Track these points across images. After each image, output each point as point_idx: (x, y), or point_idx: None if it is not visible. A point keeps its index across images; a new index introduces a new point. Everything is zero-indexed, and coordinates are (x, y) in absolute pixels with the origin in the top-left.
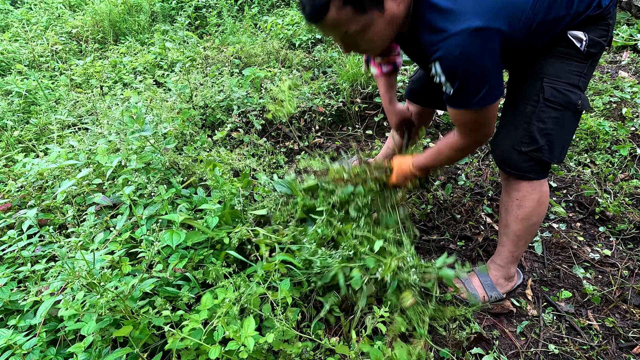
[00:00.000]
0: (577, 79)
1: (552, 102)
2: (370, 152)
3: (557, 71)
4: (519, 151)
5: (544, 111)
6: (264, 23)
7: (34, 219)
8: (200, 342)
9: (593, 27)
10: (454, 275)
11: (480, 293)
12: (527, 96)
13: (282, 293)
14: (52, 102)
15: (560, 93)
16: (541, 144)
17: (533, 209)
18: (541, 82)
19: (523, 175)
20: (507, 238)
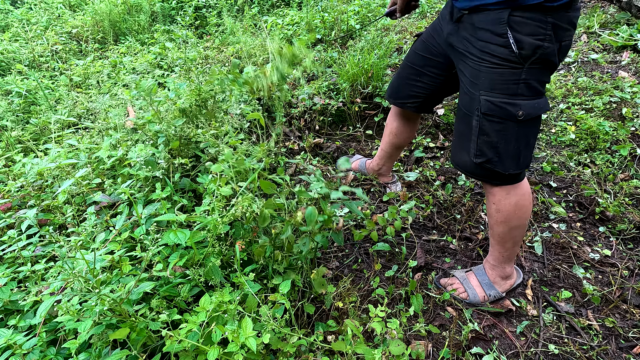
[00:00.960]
0: (515, 87)
1: (490, 115)
2: (370, 151)
3: (491, 83)
4: (473, 162)
5: (485, 125)
6: (264, 23)
7: (33, 219)
8: (198, 344)
9: (525, 22)
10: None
11: (479, 292)
12: (471, 109)
13: (279, 297)
14: (52, 102)
15: (497, 106)
16: (490, 157)
17: (511, 212)
18: (478, 96)
19: (489, 181)
20: (493, 239)
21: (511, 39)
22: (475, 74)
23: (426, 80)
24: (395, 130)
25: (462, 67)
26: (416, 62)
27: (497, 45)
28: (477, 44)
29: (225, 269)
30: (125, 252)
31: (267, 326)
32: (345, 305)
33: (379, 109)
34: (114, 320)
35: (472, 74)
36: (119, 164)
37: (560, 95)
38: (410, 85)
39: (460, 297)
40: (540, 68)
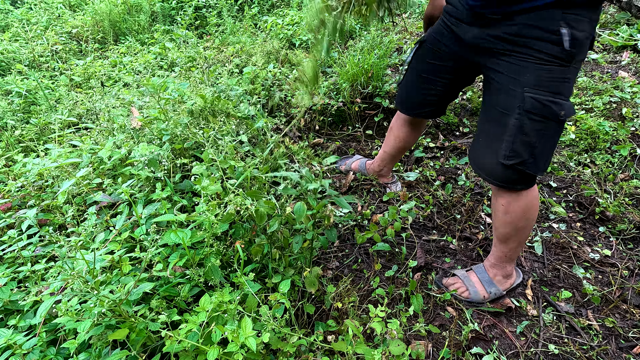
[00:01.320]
0: (560, 85)
1: (534, 114)
2: (370, 151)
3: (538, 79)
4: (504, 165)
5: (526, 124)
6: (264, 23)
7: (33, 219)
8: (198, 344)
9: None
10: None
11: (480, 289)
12: (508, 107)
13: (279, 297)
14: (52, 102)
15: (542, 105)
16: (525, 158)
17: (520, 215)
18: (522, 92)
19: (507, 186)
20: (497, 239)
21: (565, 37)
22: (518, 70)
23: (439, 87)
24: (402, 136)
25: (495, 65)
26: (427, 71)
27: (548, 42)
28: (520, 41)
29: (225, 269)
30: (125, 252)
31: (267, 326)
32: (345, 305)
33: (379, 109)
34: (114, 321)
35: (514, 71)
36: (120, 164)
37: None
38: (423, 95)
39: (462, 297)
40: (578, 67)
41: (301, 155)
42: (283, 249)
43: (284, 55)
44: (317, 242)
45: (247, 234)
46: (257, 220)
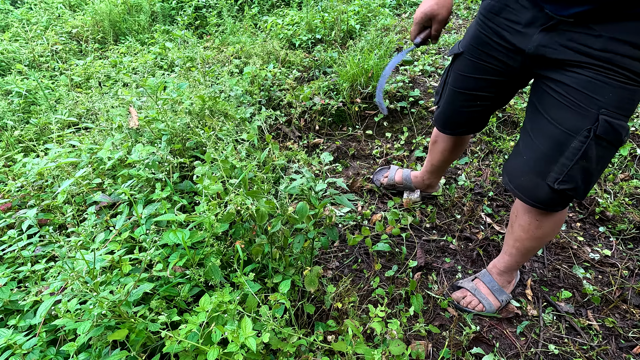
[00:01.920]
0: (631, 106)
1: (604, 139)
2: (370, 151)
3: (620, 100)
4: (552, 189)
5: (593, 149)
6: (264, 23)
7: (33, 219)
8: (198, 344)
9: None
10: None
11: (493, 300)
12: (574, 128)
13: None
14: (52, 102)
15: (614, 129)
16: (578, 184)
17: (551, 230)
18: (597, 113)
19: (546, 208)
20: (518, 251)
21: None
22: (597, 88)
23: (484, 102)
24: (450, 148)
25: (562, 77)
26: (469, 87)
27: (637, 60)
28: (600, 55)
29: (225, 269)
30: (125, 253)
31: (267, 326)
32: (344, 305)
33: (378, 109)
34: (113, 322)
35: (590, 87)
36: (119, 164)
37: None
38: (468, 112)
39: (476, 310)
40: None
41: (301, 156)
42: (283, 249)
43: (284, 55)
44: (317, 241)
45: (247, 234)
46: (258, 220)
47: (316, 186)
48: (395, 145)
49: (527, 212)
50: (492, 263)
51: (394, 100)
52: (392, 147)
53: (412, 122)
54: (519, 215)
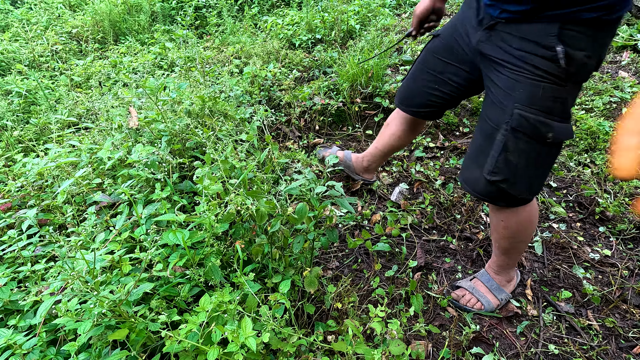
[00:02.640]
0: (552, 105)
1: (520, 132)
2: None
3: (530, 96)
4: (487, 180)
5: (511, 142)
6: (264, 23)
7: (33, 219)
8: (198, 344)
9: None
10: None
11: (491, 299)
12: (496, 120)
13: (279, 297)
14: (52, 102)
15: (529, 123)
16: (506, 176)
17: (519, 229)
18: (512, 107)
19: (494, 202)
20: (498, 250)
21: (560, 54)
22: (512, 85)
23: (446, 89)
24: (399, 134)
25: (494, 76)
26: (436, 69)
27: (543, 58)
28: (517, 54)
29: (225, 269)
30: (125, 253)
31: (267, 326)
32: (344, 305)
33: (379, 109)
34: (113, 322)
35: (508, 85)
36: (119, 164)
37: None
38: (427, 94)
39: (475, 308)
40: (578, 88)
41: (300, 156)
42: (283, 249)
43: (284, 55)
44: (317, 242)
45: (247, 234)
46: (258, 220)
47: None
48: None
49: (493, 213)
50: (488, 263)
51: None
52: None
53: None
54: (490, 216)
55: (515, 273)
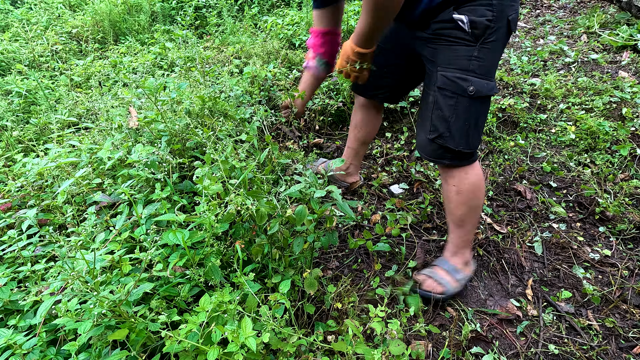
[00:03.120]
0: (467, 62)
1: (445, 89)
2: (370, 151)
3: (448, 58)
4: (428, 139)
5: (440, 99)
6: (264, 23)
7: (34, 219)
8: (198, 344)
9: (474, 8)
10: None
11: (449, 280)
12: (429, 86)
13: (279, 296)
14: (52, 102)
15: (450, 80)
16: (442, 131)
17: (471, 193)
18: (436, 71)
19: (439, 161)
20: (454, 224)
21: (463, 22)
22: (433, 53)
23: (391, 71)
24: (359, 123)
25: (424, 52)
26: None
27: (452, 29)
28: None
29: (225, 269)
30: (125, 253)
31: (267, 326)
32: (344, 305)
33: None
34: (113, 322)
35: (431, 54)
36: (119, 164)
37: (560, 95)
38: (377, 77)
39: (437, 292)
40: (490, 49)
41: (299, 156)
42: (283, 250)
43: (284, 55)
44: (317, 242)
45: (247, 234)
46: (258, 221)
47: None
48: (395, 145)
49: (445, 181)
50: (445, 248)
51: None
52: (392, 147)
53: (412, 122)
54: (443, 188)
55: (472, 260)
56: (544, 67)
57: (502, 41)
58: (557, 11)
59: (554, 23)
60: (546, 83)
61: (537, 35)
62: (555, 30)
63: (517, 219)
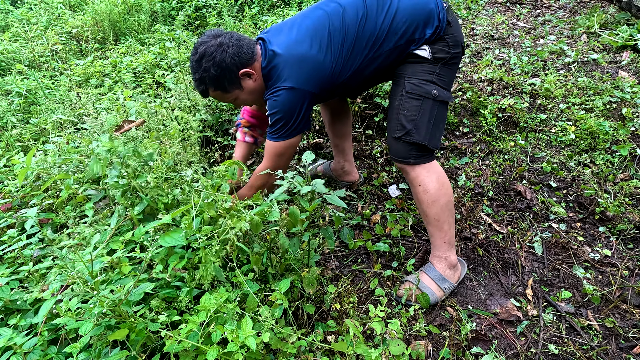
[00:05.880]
0: (431, 76)
1: (412, 93)
2: (370, 151)
3: (414, 71)
4: (395, 138)
5: (407, 102)
6: (264, 23)
7: (35, 219)
8: (198, 344)
9: (434, 44)
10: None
11: (434, 289)
12: (395, 93)
13: (278, 295)
14: (52, 102)
15: (417, 86)
16: (409, 128)
17: (437, 189)
18: (403, 80)
19: (405, 160)
20: (431, 226)
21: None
22: (404, 69)
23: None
24: (330, 120)
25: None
26: None
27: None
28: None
29: (225, 269)
30: (124, 253)
31: (266, 326)
32: (344, 305)
33: (379, 109)
34: (113, 322)
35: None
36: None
37: (560, 95)
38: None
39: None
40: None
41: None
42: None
43: None
44: (313, 241)
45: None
46: (254, 230)
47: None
48: None
49: (412, 184)
50: (430, 254)
51: None
52: None
53: None
54: (413, 193)
55: (460, 263)
56: (544, 67)
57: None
58: (557, 11)
59: (554, 23)
60: (546, 83)
61: (537, 35)
62: (555, 30)
63: (517, 219)
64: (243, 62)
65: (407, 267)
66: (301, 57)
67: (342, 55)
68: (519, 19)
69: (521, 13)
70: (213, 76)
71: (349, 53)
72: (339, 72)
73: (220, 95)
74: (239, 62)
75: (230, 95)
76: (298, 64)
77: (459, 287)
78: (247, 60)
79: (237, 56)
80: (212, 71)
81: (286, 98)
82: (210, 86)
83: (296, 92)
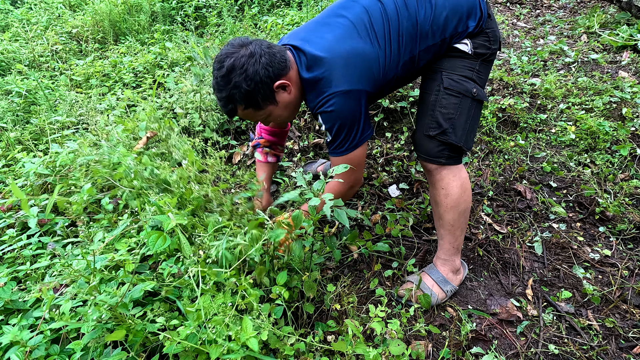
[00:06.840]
0: (470, 72)
1: (450, 90)
2: (370, 151)
3: (453, 66)
4: (428, 136)
5: (445, 98)
6: (264, 23)
7: (35, 220)
8: (197, 345)
9: (475, 38)
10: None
11: (437, 291)
12: (430, 88)
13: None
14: (52, 102)
15: (457, 82)
16: (445, 127)
17: (459, 196)
18: (440, 75)
19: (435, 160)
20: (444, 230)
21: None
22: (441, 62)
23: None
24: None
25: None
26: None
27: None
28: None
29: None
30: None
31: (265, 325)
32: (344, 306)
33: (379, 109)
34: (110, 325)
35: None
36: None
37: (560, 95)
38: None
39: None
40: (487, 65)
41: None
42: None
43: None
44: (316, 245)
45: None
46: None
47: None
48: (395, 145)
49: (433, 186)
50: (435, 256)
51: (394, 100)
52: (392, 147)
53: (412, 122)
54: (431, 193)
55: (462, 265)
56: (544, 67)
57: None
58: (557, 11)
59: (554, 23)
60: (546, 83)
61: (537, 35)
62: (555, 30)
63: (517, 219)
64: (277, 73)
65: (407, 267)
66: (346, 54)
67: (389, 44)
68: (519, 19)
69: (521, 13)
70: (245, 92)
71: (397, 43)
72: (388, 63)
73: (252, 114)
74: (272, 73)
75: (262, 113)
76: (344, 62)
77: (459, 288)
78: (281, 70)
79: (270, 66)
80: (244, 86)
81: (343, 103)
82: (240, 104)
83: (352, 94)
